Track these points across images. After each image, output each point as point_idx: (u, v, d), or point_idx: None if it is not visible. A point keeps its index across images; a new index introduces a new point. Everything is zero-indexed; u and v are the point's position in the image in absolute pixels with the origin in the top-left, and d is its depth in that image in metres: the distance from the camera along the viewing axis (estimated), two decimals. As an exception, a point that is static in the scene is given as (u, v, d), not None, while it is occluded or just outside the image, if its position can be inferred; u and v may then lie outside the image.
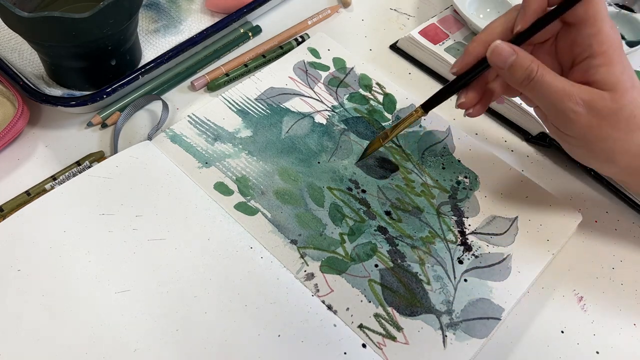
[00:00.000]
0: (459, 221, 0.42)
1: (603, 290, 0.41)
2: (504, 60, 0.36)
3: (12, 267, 0.38)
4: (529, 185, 0.45)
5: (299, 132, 0.47)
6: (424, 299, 0.38)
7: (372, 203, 0.43)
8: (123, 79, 0.47)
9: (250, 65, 0.52)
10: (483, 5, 0.55)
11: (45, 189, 0.43)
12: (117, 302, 0.37)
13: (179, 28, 0.53)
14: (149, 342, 0.36)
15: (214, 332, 0.36)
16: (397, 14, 0.59)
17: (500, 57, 0.36)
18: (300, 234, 0.41)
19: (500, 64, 0.36)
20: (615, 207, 0.45)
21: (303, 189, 0.43)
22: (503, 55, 0.36)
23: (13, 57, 0.50)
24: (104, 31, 0.42)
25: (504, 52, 0.36)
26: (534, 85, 0.36)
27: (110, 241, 0.39)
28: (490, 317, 0.38)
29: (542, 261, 0.41)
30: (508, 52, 0.36)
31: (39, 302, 0.37)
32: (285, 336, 0.36)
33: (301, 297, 0.38)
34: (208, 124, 0.46)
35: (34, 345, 0.35)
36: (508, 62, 0.36)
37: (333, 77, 0.50)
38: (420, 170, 0.45)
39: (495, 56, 0.37)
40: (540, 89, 0.36)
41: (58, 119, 0.48)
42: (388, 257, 0.40)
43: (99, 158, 0.45)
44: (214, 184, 0.43)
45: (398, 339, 0.37)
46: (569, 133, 0.37)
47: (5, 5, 0.40)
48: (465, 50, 0.39)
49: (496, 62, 0.37)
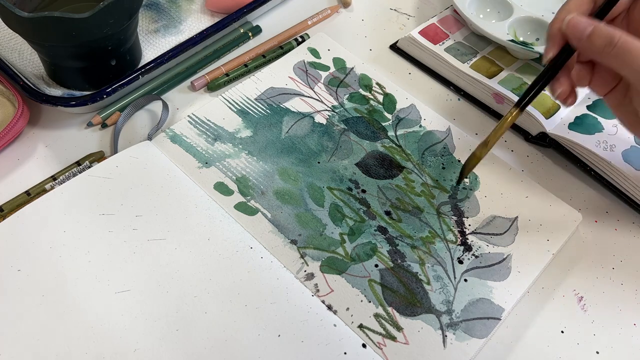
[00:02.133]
0: (459, 221, 0.42)
1: (603, 290, 0.41)
2: (582, 30, 0.36)
3: (12, 267, 0.38)
4: (529, 185, 0.45)
5: (299, 132, 0.47)
6: (424, 299, 0.38)
7: (372, 203, 0.43)
8: (123, 79, 0.47)
9: (250, 65, 0.52)
10: (483, 5, 0.55)
11: (45, 189, 0.43)
12: (117, 302, 0.37)
13: (179, 28, 0.53)
14: (149, 342, 0.36)
15: (214, 332, 0.36)
16: (397, 14, 0.59)
17: (576, 28, 0.36)
18: (300, 234, 0.41)
19: (578, 34, 0.36)
20: (615, 207, 0.45)
21: (303, 189, 0.43)
22: (580, 25, 0.36)
23: (13, 57, 0.50)
24: (104, 31, 0.42)
25: (580, 23, 0.36)
26: (617, 52, 0.34)
27: (110, 241, 0.39)
28: (490, 317, 0.38)
29: (542, 261, 0.41)
30: (585, 22, 0.36)
31: (39, 302, 0.37)
32: (285, 336, 0.36)
33: (301, 297, 0.38)
34: (208, 124, 0.46)
35: (34, 345, 0.35)
36: (586, 32, 0.35)
37: (333, 77, 0.50)
38: (420, 170, 0.45)
39: (572, 28, 0.36)
40: (625, 55, 0.34)
41: (58, 119, 0.48)
42: (388, 257, 0.40)
43: (99, 158, 0.45)
44: (214, 184, 0.43)
45: (398, 339, 0.37)
46: None
47: (5, 6, 0.39)
48: (548, 36, 0.39)
49: (574, 34, 0.36)
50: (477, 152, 0.42)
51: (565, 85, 0.39)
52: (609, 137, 0.46)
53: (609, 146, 0.45)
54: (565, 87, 0.39)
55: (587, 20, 0.36)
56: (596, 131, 0.46)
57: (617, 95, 0.39)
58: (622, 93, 0.39)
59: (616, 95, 0.39)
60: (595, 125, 0.47)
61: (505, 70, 0.51)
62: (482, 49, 0.53)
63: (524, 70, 0.51)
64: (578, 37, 0.36)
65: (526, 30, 0.53)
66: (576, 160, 0.46)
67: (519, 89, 0.49)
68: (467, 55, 0.52)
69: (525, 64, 0.52)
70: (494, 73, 0.51)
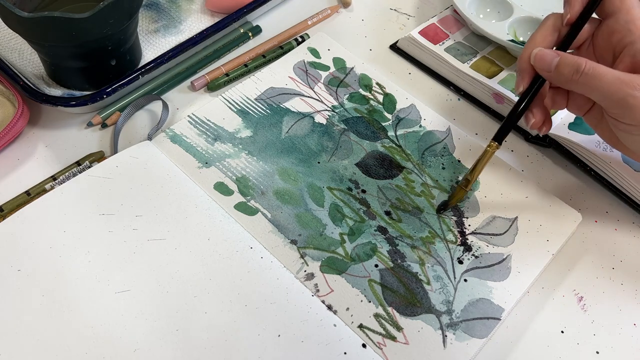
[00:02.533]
0: (459, 221, 0.42)
1: (603, 290, 0.41)
2: (550, 62, 0.38)
3: (12, 267, 0.38)
4: (529, 185, 0.45)
5: (299, 132, 0.47)
6: (424, 299, 0.38)
7: (372, 203, 0.43)
8: (123, 79, 0.47)
9: (250, 65, 0.52)
10: (483, 5, 0.55)
11: (45, 189, 0.43)
12: (117, 302, 0.37)
13: (179, 28, 0.53)
14: (149, 342, 0.36)
15: (214, 332, 0.36)
16: (397, 14, 0.59)
17: (544, 61, 0.38)
18: (300, 234, 0.41)
19: (547, 67, 0.38)
20: (615, 207, 0.45)
21: (303, 189, 0.43)
22: (547, 58, 0.38)
23: (13, 57, 0.50)
24: (104, 31, 0.42)
25: (546, 55, 0.38)
26: (585, 79, 0.36)
27: (110, 241, 0.39)
28: (490, 317, 0.38)
29: (542, 261, 0.41)
30: (551, 54, 0.38)
31: (39, 302, 0.37)
32: (285, 336, 0.36)
33: (301, 297, 0.38)
34: (208, 124, 0.46)
35: (34, 345, 0.35)
36: (553, 63, 0.37)
37: (333, 77, 0.50)
38: (420, 170, 0.45)
39: (539, 61, 0.38)
40: (593, 81, 0.36)
41: (58, 119, 0.48)
42: (388, 257, 0.40)
43: (99, 158, 0.45)
44: (214, 184, 0.43)
45: (398, 339, 0.37)
46: (630, 122, 0.37)
47: (5, 5, 0.39)
48: (517, 70, 0.41)
49: (542, 66, 0.38)
50: (463, 187, 0.42)
51: (539, 115, 0.41)
52: (609, 137, 0.46)
53: (608, 147, 0.45)
54: (538, 117, 0.41)
55: (553, 52, 0.38)
56: (596, 131, 0.46)
57: (594, 115, 0.41)
58: (599, 113, 0.40)
59: (594, 115, 0.41)
60: (595, 125, 0.47)
61: (505, 70, 0.51)
62: (482, 49, 0.53)
63: (524, 70, 0.52)
64: (547, 69, 0.38)
65: (526, 30, 0.53)
66: (576, 160, 0.46)
67: (519, 89, 0.49)
68: (467, 55, 0.52)
69: (525, 64, 0.52)
70: (494, 73, 0.51)
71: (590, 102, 0.40)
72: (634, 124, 0.37)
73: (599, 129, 0.41)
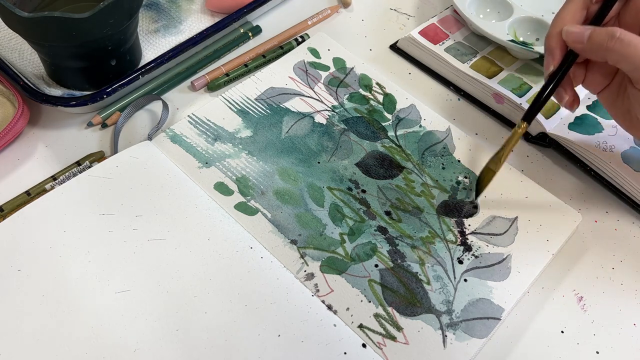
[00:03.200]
0: (459, 221, 0.42)
1: (603, 290, 0.41)
2: (582, 35, 0.38)
3: (12, 267, 0.38)
4: (529, 185, 0.45)
5: (299, 132, 0.47)
6: (424, 299, 0.38)
7: (372, 203, 0.43)
8: (123, 79, 0.47)
9: (250, 65, 0.52)
10: (483, 5, 0.55)
11: (45, 189, 0.43)
12: (117, 302, 0.37)
13: (179, 28, 0.53)
14: (149, 342, 0.36)
15: (214, 332, 0.36)
16: (397, 14, 0.59)
17: (576, 34, 0.38)
18: (300, 234, 0.41)
19: (579, 39, 0.38)
20: (615, 207, 0.45)
21: (303, 189, 0.43)
22: (579, 32, 0.38)
23: (13, 57, 0.50)
24: (104, 31, 0.42)
25: (578, 29, 0.38)
26: (620, 45, 0.36)
27: (110, 241, 0.39)
28: (490, 317, 0.38)
29: (542, 261, 0.41)
30: (582, 28, 0.38)
31: (39, 302, 0.37)
32: (285, 336, 0.36)
33: (301, 297, 0.38)
34: (208, 124, 0.46)
35: (34, 345, 0.35)
36: (586, 35, 0.37)
37: (333, 77, 0.50)
38: (420, 170, 0.45)
39: (572, 35, 0.38)
40: (627, 49, 0.36)
41: (58, 119, 0.48)
42: (388, 257, 0.40)
43: (99, 158, 0.45)
44: (214, 184, 0.43)
45: (398, 339, 0.37)
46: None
47: (5, 5, 0.39)
48: (546, 49, 0.40)
49: (575, 39, 0.38)
50: (492, 167, 0.42)
51: (570, 92, 0.41)
52: (609, 138, 0.46)
53: (608, 147, 0.45)
54: (570, 94, 0.41)
55: (584, 27, 0.38)
56: (596, 131, 0.46)
57: (610, 94, 0.41)
58: (615, 92, 0.40)
59: (609, 94, 0.41)
60: (595, 126, 0.47)
61: (505, 70, 0.51)
62: (482, 49, 0.53)
63: (524, 71, 0.52)
64: (580, 40, 0.38)
65: (526, 30, 0.53)
66: (576, 160, 0.46)
67: (518, 89, 0.49)
68: (467, 55, 0.52)
69: (525, 64, 0.52)
70: (494, 73, 0.51)
71: (608, 79, 0.41)
72: None
73: (613, 109, 0.41)
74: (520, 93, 0.49)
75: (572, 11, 0.40)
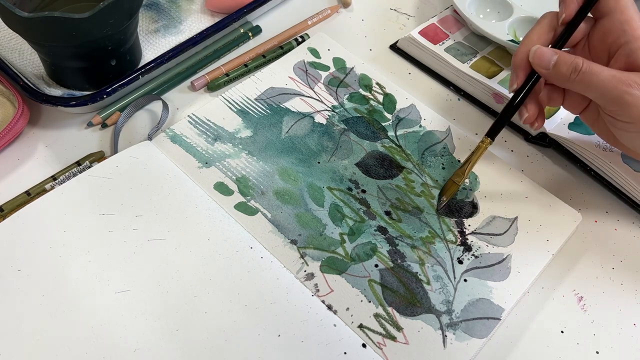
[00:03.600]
0: (459, 221, 0.42)
1: (603, 290, 0.41)
2: (548, 60, 0.38)
3: (12, 267, 0.38)
4: (529, 185, 0.45)
5: (299, 132, 0.47)
6: (424, 299, 0.38)
7: (372, 203, 0.43)
8: (123, 79, 0.47)
9: (250, 65, 0.52)
10: (483, 5, 0.55)
11: (45, 189, 0.43)
12: (117, 302, 0.37)
13: (179, 28, 0.53)
14: (149, 342, 0.36)
15: (214, 332, 0.36)
16: (397, 14, 0.59)
17: (542, 58, 0.38)
18: (300, 234, 0.41)
19: (545, 65, 0.38)
20: (615, 207, 0.45)
21: (303, 189, 0.43)
22: (545, 56, 0.38)
23: (13, 57, 0.50)
24: (104, 31, 0.42)
25: (545, 53, 0.38)
26: (582, 78, 0.37)
27: (110, 241, 0.39)
28: (490, 317, 0.38)
29: (542, 261, 0.41)
30: (549, 52, 0.38)
31: (39, 302, 0.37)
32: (285, 336, 0.36)
33: (301, 297, 0.38)
34: (208, 124, 0.46)
35: (34, 345, 0.35)
36: (552, 62, 0.38)
37: (333, 77, 0.50)
38: (420, 170, 0.45)
39: (538, 59, 0.39)
40: (590, 80, 0.36)
41: (58, 119, 0.48)
42: (388, 257, 0.40)
43: (99, 158, 0.45)
44: (214, 184, 0.43)
45: (398, 339, 0.37)
46: (627, 120, 0.37)
47: (5, 5, 0.39)
48: (513, 66, 0.41)
49: (540, 64, 0.39)
50: (456, 180, 0.42)
51: (532, 110, 0.41)
52: (609, 137, 0.46)
53: (608, 147, 0.45)
54: (532, 111, 0.41)
55: (551, 50, 0.39)
56: (596, 131, 0.46)
57: (590, 113, 0.41)
58: (594, 112, 0.41)
59: (590, 113, 0.41)
60: (595, 126, 0.47)
61: (505, 70, 0.51)
62: (482, 49, 0.53)
63: (524, 70, 0.52)
64: (545, 66, 0.39)
65: (526, 30, 0.52)
66: (576, 160, 0.46)
67: (519, 89, 0.49)
68: (467, 55, 0.52)
69: (525, 64, 0.52)
70: (494, 73, 0.51)
71: (586, 101, 0.41)
72: (630, 121, 0.37)
73: (596, 127, 0.42)
74: (520, 93, 0.49)
75: (539, 33, 0.40)
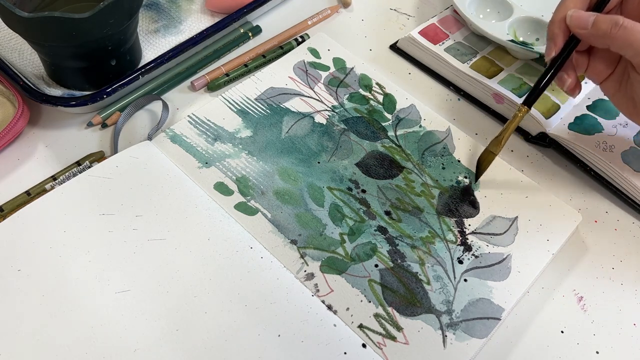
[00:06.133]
0: (459, 221, 0.42)
1: (603, 290, 0.41)
2: (585, 20, 0.38)
3: (12, 267, 0.38)
4: (529, 185, 0.45)
5: (299, 132, 0.47)
6: (424, 299, 0.38)
7: (372, 203, 0.43)
8: (123, 79, 0.47)
9: (250, 65, 0.52)
10: (483, 5, 0.55)
11: (45, 189, 0.43)
12: (117, 302, 0.37)
13: (179, 28, 0.53)
14: (149, 342, 0.36)
15: (214, 332, 0.36)
16: (397, 14, 0.59)
17: (580, 19, 0.39)
18: (300, 234, 0.41)
19: (583, 24, 0.38)
20: (615, 207, 0.45)
21: (303, 189, 0.43)
22: (583, 17, 0.39)
23: (13, 57, 0.50)
24: (104, 31, 0.42)
25: (582, 15, 0.39)
26: (623, 33, 0.37)
27: (110, 241, 0.39)
28: (490, 317, 0.38)
29: (542, 261, 0.41)
30: (586, 14, 0.39)
31: (39, 302, 0.37)
32: (285, 336, 0.36)
33: (301, 297, 0.38)
34: (208, 124, 0.46)
35: (34, 345, 0.35)
36: (590, 21, 0.38)
37: (333, 77, 0.50)
38: (420, 170, 0.45)
39: (576, 19, 0.39)
40: (631, 35, 0.36)
41: (58, 119, 0.48)
42: (388, 257, 0.40)
43: (99, 158, 0.45)
44: (214, 184, 0.43)
45: (398, 339, 0.37)
46: None
47: (5, 5, 0.40)
48: (548, 35, 0.41)
49: (578, 25, 0.39)
50: (493, 149, 0.43)
51: (573, 77, 0.42)
52: (609, 138, 0.46)
53: (608, 147, 0.45)
54: (572, 78, 0.42)
55: (588, 13, 0.39)
56: (596, 131, 0.46)
57: (613, 83, 0.42)
58: (617, 80, 0.41)
59: (612, 82, 0.42)
60: (595, 126, 0.47)
61: (505, 70, 0.51)
62: (482, 49, 0.53)
63: (524, 71, 0.52)
64: (583, 26, 0.39)
65: (526, 30, 0.53)
66: (576, 160, 0.46)
67: (518, 89, 0.49)
68: (467, 55, 0.52)
69: (525, 64, 0.52)
70: (494, 73, 0.51)
71: (610, 68, 0.41)
72: None
73: (616, 98, 0.42)
74: (520, 93, 0.49)
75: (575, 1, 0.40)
